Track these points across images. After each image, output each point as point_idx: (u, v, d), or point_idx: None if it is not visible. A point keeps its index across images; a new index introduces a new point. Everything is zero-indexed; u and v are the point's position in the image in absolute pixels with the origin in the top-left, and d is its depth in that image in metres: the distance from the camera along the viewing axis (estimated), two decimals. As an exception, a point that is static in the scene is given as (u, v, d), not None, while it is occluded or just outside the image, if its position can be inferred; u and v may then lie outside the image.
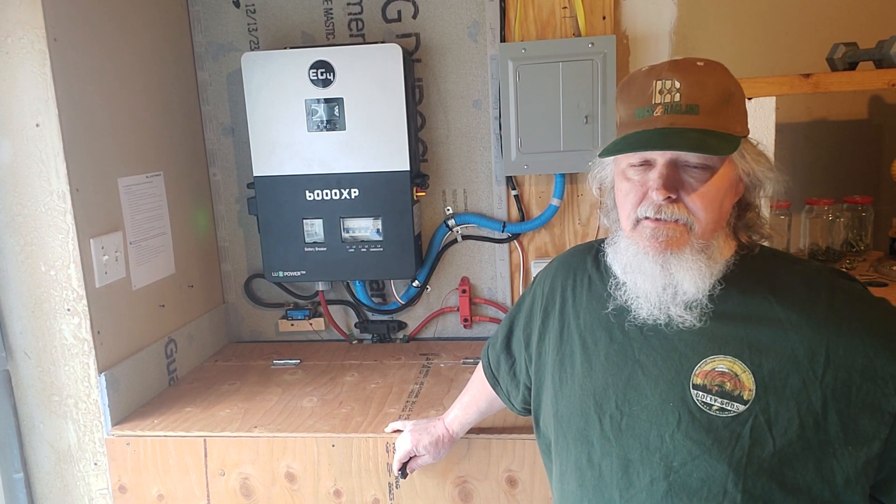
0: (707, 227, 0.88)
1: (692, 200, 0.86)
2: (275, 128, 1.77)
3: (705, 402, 0.86)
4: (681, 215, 0.86)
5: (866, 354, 0.82)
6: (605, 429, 0.93)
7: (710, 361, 0.87)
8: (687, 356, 0.89)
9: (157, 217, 1.73)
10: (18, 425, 1.55)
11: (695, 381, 0.87)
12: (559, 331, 1.04)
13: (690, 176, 0.87)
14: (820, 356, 0.83)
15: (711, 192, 0.87)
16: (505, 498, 1.41)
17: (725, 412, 0.85)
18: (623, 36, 1.82)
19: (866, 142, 1.82)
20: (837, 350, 0.83)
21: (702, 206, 0.86)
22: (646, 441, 0.89)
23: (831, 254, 1.72)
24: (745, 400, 0.84)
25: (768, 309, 0.87)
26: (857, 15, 1.74)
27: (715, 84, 0.87)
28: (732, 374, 0.85)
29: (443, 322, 2.01)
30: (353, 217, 1.81)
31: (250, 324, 2.08)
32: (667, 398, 0.88)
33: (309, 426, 1.47)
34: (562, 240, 1.89)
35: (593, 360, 0.97)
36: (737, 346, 0.87)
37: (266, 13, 1.90)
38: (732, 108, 0.89)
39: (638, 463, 0.89)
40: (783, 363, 0.84)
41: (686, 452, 0.86)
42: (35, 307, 1.48)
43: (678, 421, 0.87)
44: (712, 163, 0.86)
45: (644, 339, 0.93)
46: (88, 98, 1.49)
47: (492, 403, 1.31)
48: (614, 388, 0.93)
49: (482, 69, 1.85)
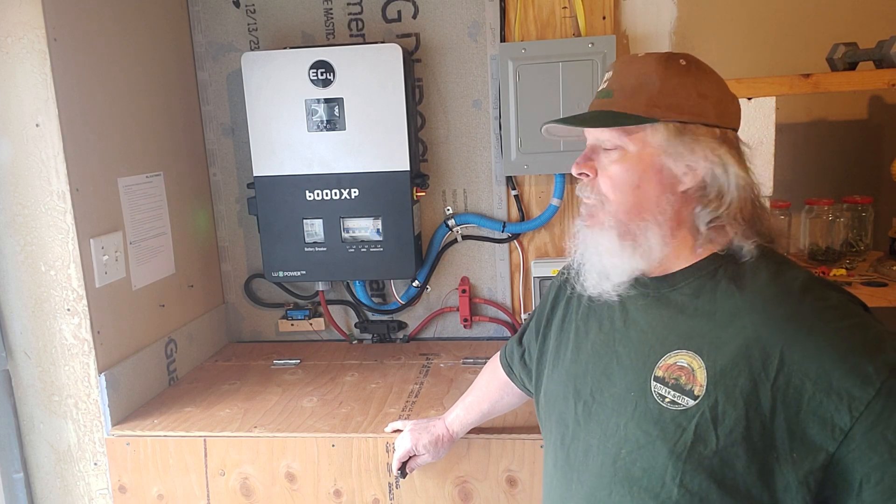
0: (620, 208, 0.90)
1: (602, 180, 0.91)
2: (275, 128, 1.78)
3: (660, 394, 0.87)
4: (591, 195, 0.93)
5: (822, 365, 0.79)
6: (577, 414, 0.96)
7: (674, 355, 0.88)
8: (655, 349, 0.90)
9: (157, 217, 1.73)
10: (18, 425, 1.55)
11: (657, 374, 0.88)
12: (562, 319, 1.08)
13: (605, 157, 0.91)
14: (774, 358, 0.81)
15: (619, 172, 0.90)
16: (505, 498, 1.41)
17: (676, 405, 0.85)
18: (623, 36, 1.82)
19: (866, 142, 1.82)
20: (793, 354, 0.80)
21: (610, 185, 0.90)
22: (605, 427, 0.91)
23: (831, 254, 1.72)
24: (696, 395, 0.84)
25: (732, 306, 0.87)
26: (857, 15, 1.74)
27: (638, 72, 0.90)
28: (689, 368, 0.86)
29: (443, 322, 2.01)
30: (353, 217, 1.81)
31: (250, 324, 2.08)
32: (630, 388, 0.90)
33: (309, 426, 1.47)
34: (562, 240, 1.89)
35: (582, 347, 1.00)
36: (699, 342, 0.87)
37: (266, 13, 1.90)
38: (652, 92, 0.88)
39: (595, 448, 0.92)
40: (736, 361, 0.83)
41: (634, 441, 0.87)
42: (35, 307, 1.48)
43: (633, 410, 0.88)
44: (622, 143, 0.89)
45: (626, 330, 0.95)
46: (88, 98, 1.49)
47: (494, 406, 1.32)
48: (592, 375, 0.96)
49: (482, 69, 1.85)
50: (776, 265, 0.90)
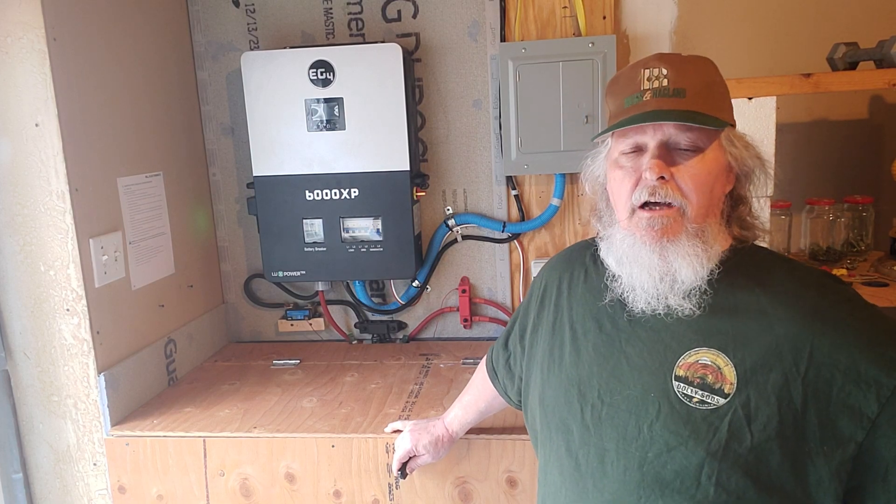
0: (699, 211, 0.88)
1: (684, 181, 0.87)
2: (275, 128, 1.77)
3: (686, 394, 0.86)
4: (674, 197, 0.86)
5: (851, 355, 0.81)
6: (585, 418, 0.93)
7: (694, 353, 0.87)
8: (672, 348, 0.89)
9: (157, 217, 1.73)
10: (18, 425, 1.54)
11: (677, 373, 0.87)
12: (552, 322, 1.05)
13: (681, 158, 0.88)
14: (804, 352, 0.82)
15: (702, 173, 0.87)
16: (505, 498, 1.41)
17: (705, 405, 0.84)
18: (623, 36, 1.82)
19: (867, 142, 1.81)
20: (822, 347, 0.82)
21: (693, 186, 0.87)
22: (623, 431, 0.89)
23: (832, 254, 1.72)
24: (726, 394, 0.84)
25: (755, 302, 0.87)
26: (858, 15, 1.74)
27: (699, 72, 0.90)
28: (715, 366, 0.85)
29: (443, 322, 2.01)
30: (353, 217, 1.81)
31: (250, 324, 2.08)
32: (648, 389, 0.88)
33: (309, 426, 1.47)
34: (562, 240, 1.89)
35: (581, 350, 0.97)
36: (721, 339, 0.86)
37: (266, 13, 1.90)
38: (717, 96, 0.90)
39: (614, 453, 0.89)
40: (766, 358, 0.83)
41: (662, 443, 0.85)
42: (34, 307, 1.48)
43: (658, 412, 0.87)
44: (702, 144, 0.87)
45: (632, 330, 0.93)
46: (88, 98, 1.49)
47: (491, 404, 1.31)
48: (598, 378, 0.93)
49: (482, 69, 1.85)
50: (786, 262, 0.93)
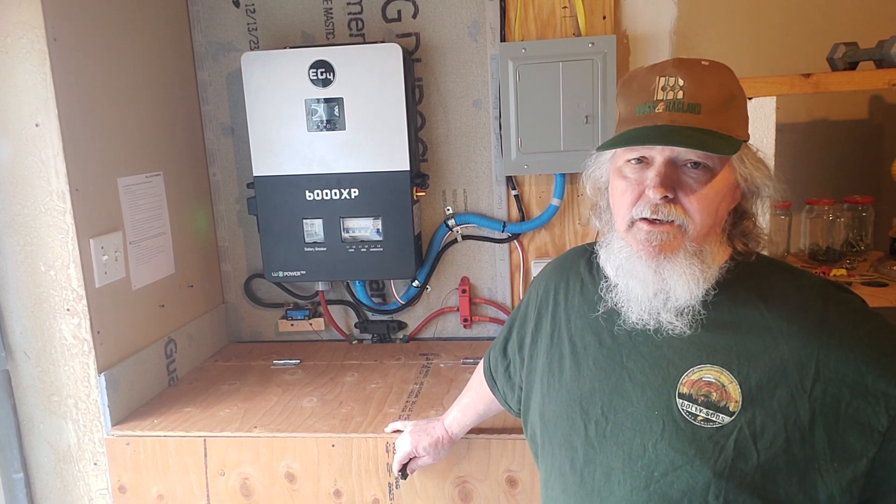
0: (701, 231, 0.85)
1: (689, 202, 0.84)
2: (275, 128, 1.77)
3: (690, 412, 0.84)
4: (676, 216, 0.84)
5: (857, 369, 0.80)
6: (589, 435, 0.91)
7: (698, 371, 0.85)
8: (675, 364, 0.87)
9: (157, 217, 1.73)
10: (18, 425, 1.54)
11: (681, 390, 0.85)
12: (550, 334, 1.03)
13: (689, 176, 0.84)
14: (809, 368, 0.81)
15: (710, 194, 0.84)
16: (505, 498, 1.41)
17: (710, 423, 0.83)
18: (623, 36, 1.82)
19: (866, 142, 1.82)
20: (828, 363, 0.80)
21: (699, 207, 0.84)
22: (629, 449, 0.87)
23: (831, 254, 1.72)
24: (731, 411, 0.82)
25: (758, 318, 0.85)
26: (858, 15, 1.74)
27: (718, 85, 0.85)
28: (719, 384, 0.83)
29: (443, 322, 2.01)
30: (353, 217, 1.81)
31: (250, 324, 2.08)
32: (652, 406, 0.86)
33: (309, 426, 1.47)
34: (562, 240, 1.89)
35: (582, 364, 0.95)
36: (725, 356, 0.84)
37: (266, 13, 1.90)
38: (734, 111, 0.86)
39: (620, 472, 0.87)
40: (771, 374, 0.82)
41: (668, 462, 0.84)
42: (35, 307, 1.48)
43: (662, 430, 0.85)
44: (712, 164, 0.84)
45: (633, 344, 0.91)
46: (88, 98, 1.49)
47: (490, 406, 1.31)
48: (601, 394, 0.91)
49: (482, 69, 1.85)
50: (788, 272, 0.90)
